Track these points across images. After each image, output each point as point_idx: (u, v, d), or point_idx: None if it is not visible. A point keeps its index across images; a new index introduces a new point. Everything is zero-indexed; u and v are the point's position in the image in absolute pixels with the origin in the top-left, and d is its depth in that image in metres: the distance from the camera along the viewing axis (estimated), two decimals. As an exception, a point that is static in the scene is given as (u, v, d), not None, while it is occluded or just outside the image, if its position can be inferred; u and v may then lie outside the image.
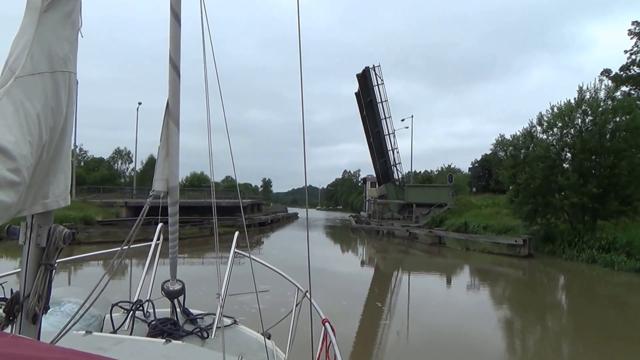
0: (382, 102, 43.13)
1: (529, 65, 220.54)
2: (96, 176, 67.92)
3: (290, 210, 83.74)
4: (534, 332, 10.37)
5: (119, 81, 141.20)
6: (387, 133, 43.70)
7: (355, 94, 45.65)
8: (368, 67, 42.58)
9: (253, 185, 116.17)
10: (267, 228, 43.69)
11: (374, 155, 44.66)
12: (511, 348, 9.05)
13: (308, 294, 3.25)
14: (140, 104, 50.38)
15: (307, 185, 2.74)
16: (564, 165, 22.37)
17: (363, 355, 8.05)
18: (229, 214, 39.48)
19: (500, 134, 71.49)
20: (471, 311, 11.88)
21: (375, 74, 42.57)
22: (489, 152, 70.39)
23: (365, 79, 42.46)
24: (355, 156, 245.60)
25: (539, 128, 23.89)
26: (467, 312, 11.71)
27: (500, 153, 67.66)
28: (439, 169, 65.62)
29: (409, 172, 48.87)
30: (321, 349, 2.70)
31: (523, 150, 24.28)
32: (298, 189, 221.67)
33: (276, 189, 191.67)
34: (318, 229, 48.33)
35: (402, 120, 49.39)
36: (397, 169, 45.10)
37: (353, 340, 8.73)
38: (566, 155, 21.97)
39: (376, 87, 42.71)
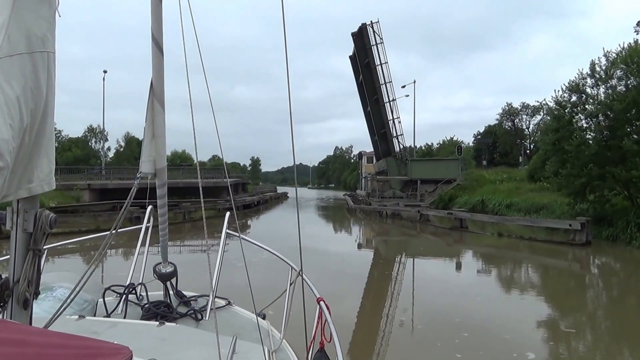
0: (381, 64, 37.56)
1: (528, 33, 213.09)
2: (69, 156, 61.89)
3: (280, 189, 79.51)
4: None
5: (100, 60, 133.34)
6: (387, 100, 38.37)
7: (350, 57, 40.07)
8: (365, 23, 36.93)
9: (242, 165, 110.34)
10: (253, 211, 38.55)
11: (372, 126, 39.42)
12: None
13: (301, 273, 3.15)
14: (105, 72, 44.59)
15: (297, 163, 1.31)
16: (627, 127, 17.39)
17: (360, 334, 7.46)
18: (210, 195, 34.63)
19: (507, 103, 66.79)
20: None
21: (374, 31, 36.94)
22: (493, 122, 66.44)
23: (361, 37, 36.83)
24: (347, 133, 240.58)
25: (589, 81, 18.84)
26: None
27: (508, 123, 63.81)
28: (440, 143, 60.61)
29: (406, 146, 43.52)
30: (316, 328, 2.61)
31: (567, 110, 19.27)
32: (287, 168, 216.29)
33: (265, 167, 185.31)
34: (309, 209, 43.26)
35: (403, 87, 44.03)
36: (398, 141, 40.00)
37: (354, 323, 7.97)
38: (631, 112, 16.92)
39: (374, 46, 37.10)
